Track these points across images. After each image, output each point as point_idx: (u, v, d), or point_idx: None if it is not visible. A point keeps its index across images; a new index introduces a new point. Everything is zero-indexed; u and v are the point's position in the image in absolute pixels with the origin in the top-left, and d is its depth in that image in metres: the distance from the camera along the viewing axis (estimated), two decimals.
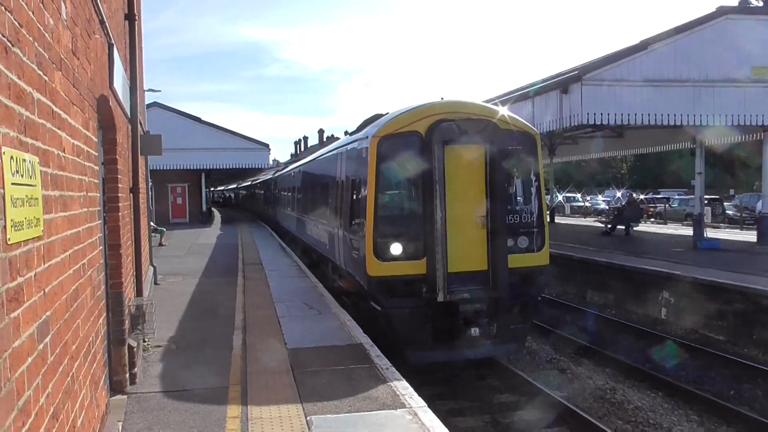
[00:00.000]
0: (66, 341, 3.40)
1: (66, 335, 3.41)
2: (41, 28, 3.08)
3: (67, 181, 3.67)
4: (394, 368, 7.68)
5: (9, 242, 2.33)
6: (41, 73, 3.03)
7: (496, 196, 10.07)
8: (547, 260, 10.71)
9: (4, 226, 2.29)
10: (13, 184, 2.40)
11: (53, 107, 3.30)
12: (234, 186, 79.83)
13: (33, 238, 2.73)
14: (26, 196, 2.60)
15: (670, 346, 12.95)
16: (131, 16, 9.15)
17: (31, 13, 2.87)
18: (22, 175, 2.54)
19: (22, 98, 2.64)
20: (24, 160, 2.60)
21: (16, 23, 2.60)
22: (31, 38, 2.85)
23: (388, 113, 12.00)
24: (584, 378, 11.35)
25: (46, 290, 2.96)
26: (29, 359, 2.56)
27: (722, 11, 19.05)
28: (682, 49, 18.65)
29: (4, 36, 2.40)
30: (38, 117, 2.93)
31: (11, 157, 2.39)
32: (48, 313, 2.97)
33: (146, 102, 25.63)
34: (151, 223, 20.10)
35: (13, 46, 2.53)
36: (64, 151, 3.59)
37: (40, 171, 2.92)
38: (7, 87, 2.42)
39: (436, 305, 9.82)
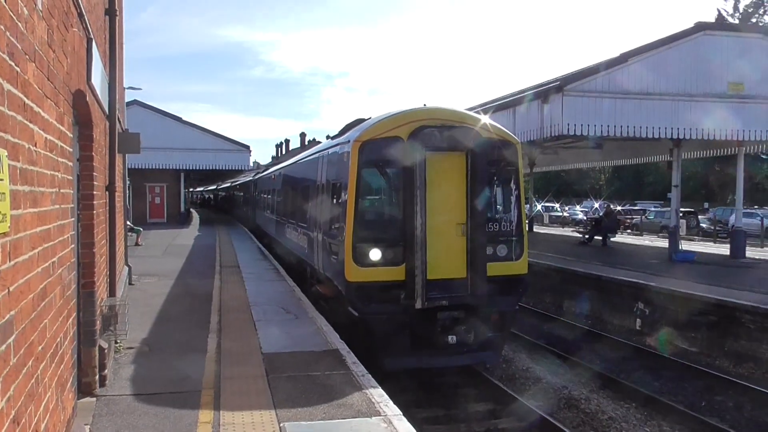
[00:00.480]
0: (31, 342, 3.29)
1: (32, 336, 3.29)
2: (14, 17, 2.98)
3: (38, 177, 3.56)
4: (370, 375, 7.60)
5: None
6: (13, 63, 2.93)
7: (476, 203, 10.06)
8: (526, 269, 10.72)
9: None
10: None
11: (25, 99, 3.20)
12: (213, 187, 79.19)
13: None
14: None
15: (643, 357, 13.05)
16: (112, 12, 8.99)
17: (2, 1, 2.77)
18: None
19: None
20: None
21: None
22: (2, 27, 2.75)
23: (370, 118, 11.95)
24: (559, 387, 11.36)
25: (11, 288, 2.85)
26: None
27: (700, 26, 19.34)
28: (661, 62, 18.87)
29: None
30: (8, 109, 2.83)
31: None
32: (12, 313, 2.86)
33: (126, 100, 25.29)
34: (128, 223, 19.81)
35: None
36: (35, 145, 3.48)
37: (9, 165, 2.82)
38: None
39: (414, 312, 9.77)
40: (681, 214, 24.31)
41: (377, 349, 9.84)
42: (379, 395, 6.87)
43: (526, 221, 11.16)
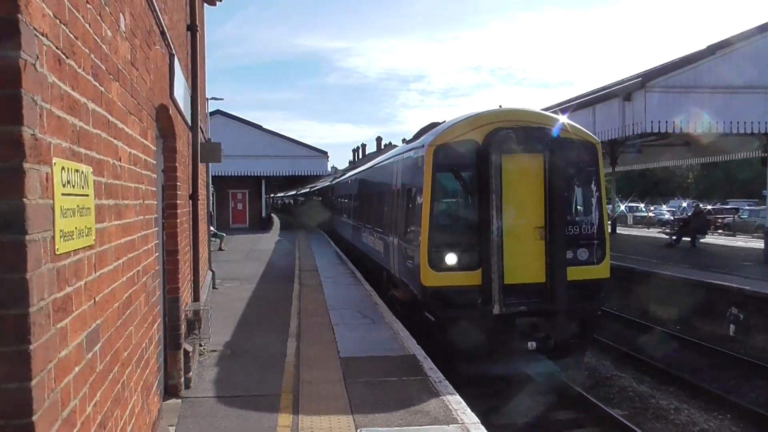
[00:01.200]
0: (117, 349, 3.43)
1: (117, 343, 3.44)
2: (98, 40, 3.12)
3: (122, 190, 3.71)
4: (447, 381, 7.54)
5: (57, 252, 2.34)
6: (97, 84, 3.07)
7: (554, 206, 9.80)
8: (608, 273, 10.35)
9: (53, 237, 2.30)
10: (63, 194, 2.42)
11: (109, 117, 3.34)
12: (293, 192, 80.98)
13: (84, 247, 2.75)
14: (77, 206, 2.62)
15: (738, 365, 12.32)
16: (193, 27, 9.35)
17: (87, 25, 2.91)
18: (73, 186, 2.56)
19: (76, 109, 2.67)
20: (76, 171, 2.62)
21: (71, 35, 2.63)
22: (86, 50, 2.88)
23: (444, 122, 11.88)
24: (646, 396, 10.90)
25: (97, 299, 2.98)
26: (76, 368, 2.57)
27: None
28: (752, 54, 17.82)
29: (58, 48, 2.43)
30: (93, 127, 2.96)
31: (62, 168, 2.41)
32: (98, 322, 3.00)
33: (209, 110, 26.25)
34: (211, 228, 20.53)
35: (67, 57, 2.55)
36: (119, 160, 3.64)
37: (94, 180, 2.95)
38: (60, 98, 2.44)
39: (491, 317, 9.61)
40: None
41: (454, 355, 9.74)
42: (456, 402, 6.80)
43: (608, 223, 10.78)
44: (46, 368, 2.16)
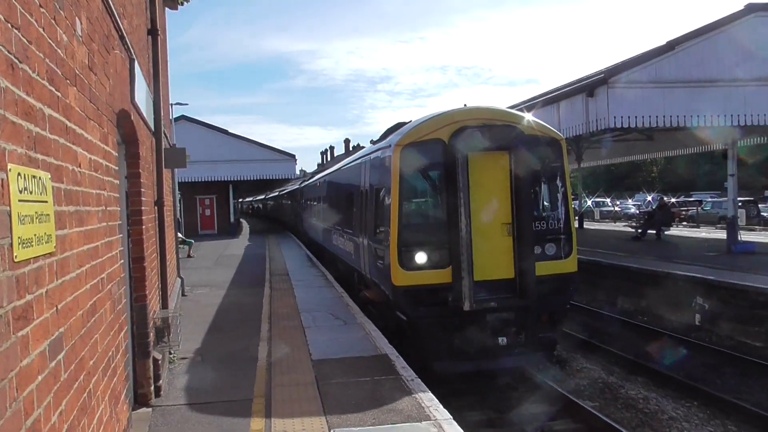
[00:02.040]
0: (82, 357, 3.38)
1: (82, 351, 3.39)
2: (53, 44, 3.08)
3: (84, 196, 3.66)
4: (419, 379, 7.57)
5: (16, 260, 2.31)
6: (53, 89, 3.02)
7: (521, 202, 9.92)
8: (576, 267, 10.50)
9: (11, 244, 2.26)
10: (20, 201, 2.38)
11: (67, 123, 3.30)
12: (262, 197, 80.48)
13: (44, 254, 2.71)
14: (36, 212, 2.58)
15: (704, 353, 12.62)
16: (154, 31, 9.25)
17: (41, 29, 2.87)
18: (31, 192, 2.52)
19: (31, 114, 2.63)
20: (33, 177, 2.59)
21: (24, 40, 2.59)
22: (41, 54, 2.84)
23: (411, 121, 11.93)
24: (616, 387, 11.09)
25: (59, 306, 2.94)
26: (39, 377, 2.53)
27: (751, 8, 18.59)
28: (710, 49, 18.26)
29: (10, 53, 2.39)
30: (50, 133, 2.92)
31: (18, 174, 2.37)
32: (61, 330, 2.95)
33: (174, 115, 25.98)
34: (179, 235, 20.30)
35: (20, 62, 2.52)
36: (80, 166, 3.59)
37: (53, 187, 2.91)
38: (14, 103, 2.40)
39: (462, 314, 9.68)
40: (740, 204, 23.45)
41: (426, 353, 9.79)
42: (428, 399, 6.84)
43: (575, 218, 10.93)
44: (6, 377, 2.13)
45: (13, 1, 2.46)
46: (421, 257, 9.84)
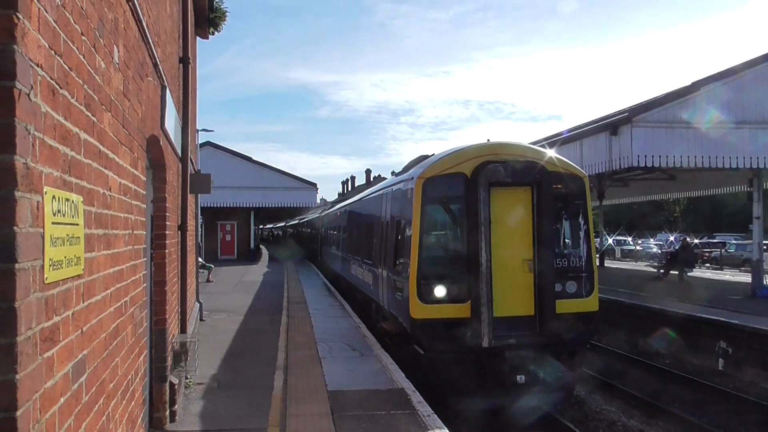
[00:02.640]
0: (103, 380, 3.39)
1: (103, 374, 3.40)
2: (91, 71, 3.16)
3: (112, 220, 3.71)
4: (435, 415, 7.47)
5: (46, 281, 2.34)
6: (89, 114, 3.09)
7: (543, 239, 9.86)
8: (597, 306, 10.36)
9: (42, 266, 2.29)
10: (53, 223, 2.42)
11: (100, 147, 3.36)
12: (282, 224, 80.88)
13: (72, 276, 2.74)
14: (67, 235, 2.62)
15: (729, 399, 12.30)
16: (185, 60, 9.46)
17: (81, 56, 2.95)
18: (63, 215, 2.56)
19: (68, 139, 2.69)
20: (67, 200, 2.63)
21: (66, 66, 2.66)
22: (80, 81, 2.91)
23: (434, 154, 11.98)
24: (636, 430, 10.82)
25: (84, 329, 2.96)
26: (62, 399, 2.54)
27: None
28: (736, 90, 18.20)
29: (52, 78, 2.46)
30: (84, 157, 2.98)
31: (53, 197, 2.42)
32: (85, 352, 2.97)
33: (199, 141, 26.35)
34: (200, 259, 20.42)
35: (61, 88, 2.58)
36: (110, 190, 3.64)
37: (84, 210, 2.95)
38: (53, 128, 2.46)
39: (480, 350, 9.58)
40: (765, 247, 23.07)
41: (443, 388, 9.67)
42: None
43: (596, 256, 10.82)
44: (31, 398, 2.14)
45: (58, 29, 2.54)
46: (440, 291, 9.78)
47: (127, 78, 4.30)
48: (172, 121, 7.56)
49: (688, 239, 31.16)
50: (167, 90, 6.80)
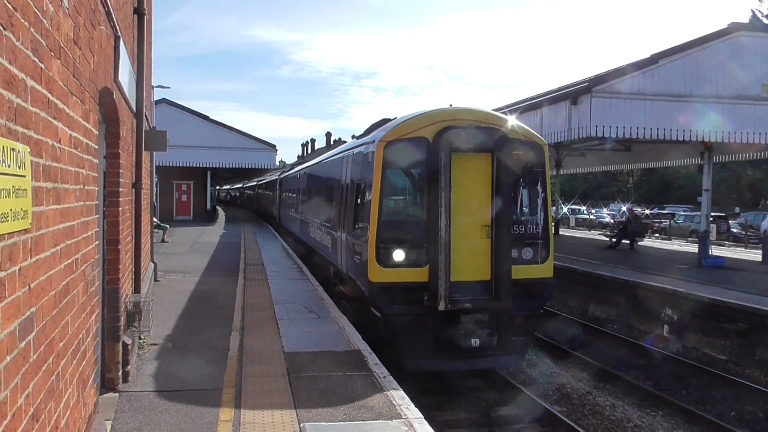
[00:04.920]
0: (52, 339, 3.29)
1: (52, 332, 3.29)
2: (38, 14, 2.97)
3: (62, 173, 3.56)
4: (391, 377, 7.54)
5: None
6: (36, 60, 2.92)
7: (501, 205, 9.94)
8: (551, 272, 10.57)
9: None
10: None
11: (49, 96, 3.19)
12: (240, 185, 79.84)
13: (19, 230, 2.61)
14: (13, 186, 2.49)
15: (671, 364, 12.80)
16: (140, 11, 9.08)
17: None
18: (9, 165, 2.43)
19: (13, 84, 2.54)
20: (12, 150, 2.49)
21: (10, 6, 2.49)
22: (26, 23, 2.74)
23: (395, 118, 11.89)
24: (583, 393, 11.19)
25: (32, 285, 2.84)
26: (8, 358, 2.44)
27: (734, 27, 18.90)
28: (692, 64, 18.52)
29: None
30: (31, 105, 2.82)
31: None
32: (33, 310, 2.86)
33: (155, 98, 25.61)
34: (155, 219, 20.02)
35: (5, 29, 2.42)
36: (59, 142, 3.48)
37: (31, 161, 2.81)
38: None
39: (437, 314, 9.68)
40: (711, 219, 23.83)
41: (399, 351, 9.78)
42: (400, 397, 6.81)
43: (552, 224, 10.99)
44: None
45: None
46: (398, 255, 9.81)
47: (77, 24, 4.08)
48: (126, 75, 7.28)
49: (636, 210, 31.95)
50: (121, 41, 6.52)
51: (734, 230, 36.39)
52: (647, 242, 30.29)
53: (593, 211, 54.06)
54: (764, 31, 20.41)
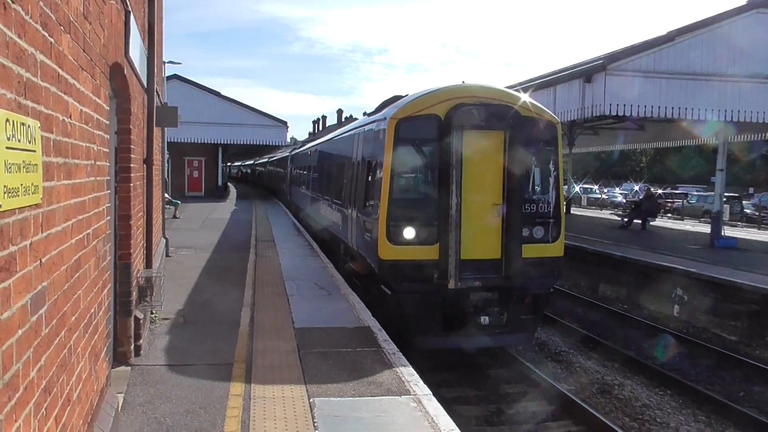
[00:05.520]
0: (64, 313, 3.32)
1: (64, 306, 3.32)
2: None
3: (73, 148, 3.56)
4: (400, 353, 7.59)
5: (1, 209, 2.22)
6: (46, 34, 2.91)
7: (513, 184, 9.88)
8: (562, 251, 10.53)
9: None
10: (8, 148, 2.29)
11: (59, 71, 3.18)
12: (251, 162, 79.93)
13: (30, 205, 2.62)
14: (23, 161, 2.49)
15: (680, 344, 12.79)
16: None
17: None
18: (19, 140, 2.43)
19: (23, 59, 2.52)
20: (23, 124, 2.49)
21: None
22: None
23: (407, 95, 11.80)
24: (593, 372, 11.21)
25: (43, 260, 2.86)
26: (20, 331, 2.46)
27: (753, 4, 18.53)
28: (709, 42, 18.21)
29: None
30: (41, 80, 2.81)
31: (6, 120, 2.28)
32: (44, 284, 2.88)
33: (166, 74, 25.55)
34: (166, 195, 20.11)
35: (13, 2, 2.40)
36: (70, 117, 3.48)
37: (42, 136, 2.81)
38: (5, 45, 2.30)
39: (446, 292, 9.70)
40: (725, 199, 23.62)
41: (408, 328, 9.82)
42: (409, 374, 6.86)
43: (564, 203, 10.93)
44: None
45: None
46: (409, 233, 9.80)
47: None
48: (137, 50, 7.25)
49: (651, 190, 31.77)
50: (131, 16, 6.49)
51: (748, 211, 36.09)
52: (659, 222, 30.11)
53: (605, 190, 53.78)
54: None
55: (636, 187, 50.14)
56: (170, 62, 29.25)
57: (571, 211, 34.31)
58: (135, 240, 7.36)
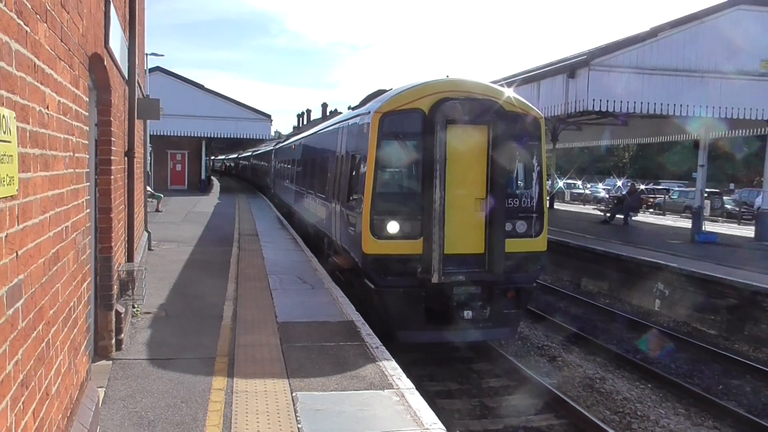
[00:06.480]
0: (42, 306, 3.27)
1: (42, 300, 3.28)
2: None
3: (50, 140, 3.51)
4: (384, 347, 7.59)
5: None
6: (21, 22, 2.85)
7: (496, 178, 9.91)
8: (545, 246, 10.58)
9: None
10: None
11: (35, 60, 3.13)
12: (234, 155, 79.48)
13: (6, 197, 2.58)
14: None
15: (661, 338, 12.92)
16: None
17: None
18: None
19: None
20: None
21: None
22: None
23: (391, 89, 11.78)
24: (574, 366, 11.29)
25: (20, 252, 2.82)
26: None
27: (734, 1, 18.71)
28: (691, 38, 18.37)
29: None
30: (16, 69, 2.76)
31: None
32: (21, 277, 2.84)
33: (148, 66, 25.28)
34: (149, 189, 19.92)
35: None
36: (47, 108, 3.42)
37: (18, 127, 2.76)
38: None
39: (430, 286, 9.72)
40: (705, 195, 23.88)
41: (392, 322, 9.83)
42: (392, 368, 6.86)
43: (547, 198, 10.98)
44: None
45: None
46: (393, 227, 9.80)
47: None
48: (117, 41, 7.16)
49: (635, 185, 32.02)
50: (111, 5, 6.41)
51: (728, 206, 36.52)
52: (641, 217, 30.38)
53: (588, 185, 54.13)
54: (764, 5, 20.19)
55: (619, 183, 50.54)
56: (153, 54, 29.01)
57: (555, 206, 34.54)
58: (116, 233, 7.28)
